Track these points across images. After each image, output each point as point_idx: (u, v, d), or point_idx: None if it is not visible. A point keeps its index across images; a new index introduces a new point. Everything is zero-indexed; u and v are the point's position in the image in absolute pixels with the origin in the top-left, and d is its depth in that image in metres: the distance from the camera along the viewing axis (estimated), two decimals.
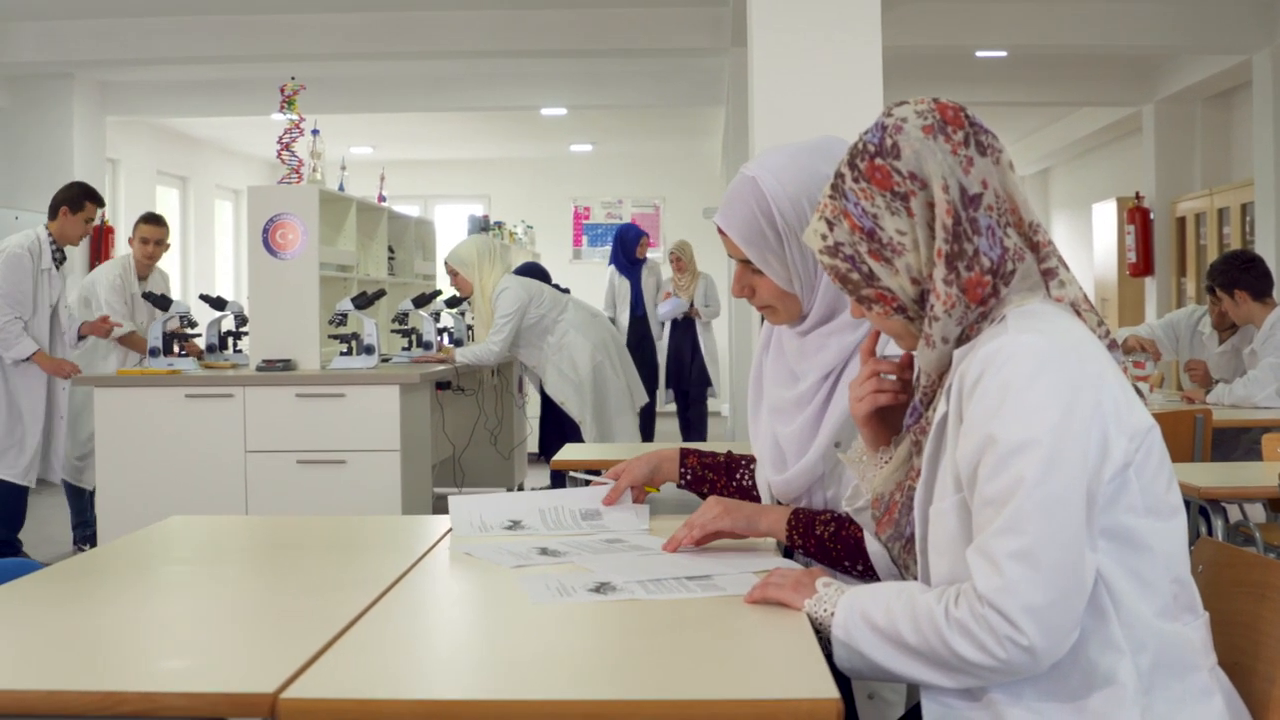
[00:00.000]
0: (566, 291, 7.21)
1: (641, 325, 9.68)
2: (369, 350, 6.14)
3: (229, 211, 14.61)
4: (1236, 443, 5.20)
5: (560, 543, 2.25)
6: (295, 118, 6.35)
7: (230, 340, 6.69)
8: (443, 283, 8.85)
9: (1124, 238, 11.69)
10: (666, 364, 9.93)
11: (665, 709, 1.38)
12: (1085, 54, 9.97)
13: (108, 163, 10.96)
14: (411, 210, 10.99)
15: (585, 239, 15.98)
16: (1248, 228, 9.71)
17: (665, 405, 10.07)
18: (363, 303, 6.22)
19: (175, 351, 6.32)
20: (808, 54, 4.12)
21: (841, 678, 1.58)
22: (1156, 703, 1.56)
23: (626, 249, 9.91)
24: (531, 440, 8.46)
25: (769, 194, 2.08)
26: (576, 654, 1.63)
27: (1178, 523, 1.62)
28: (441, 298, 7.67)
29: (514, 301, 6.58)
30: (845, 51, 4.11)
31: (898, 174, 1.67)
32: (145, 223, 7.04)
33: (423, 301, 6.97)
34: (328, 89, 10.28)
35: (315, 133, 6.56)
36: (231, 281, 14.35)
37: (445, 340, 7.51)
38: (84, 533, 6.77)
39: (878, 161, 1.68)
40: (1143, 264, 11.36)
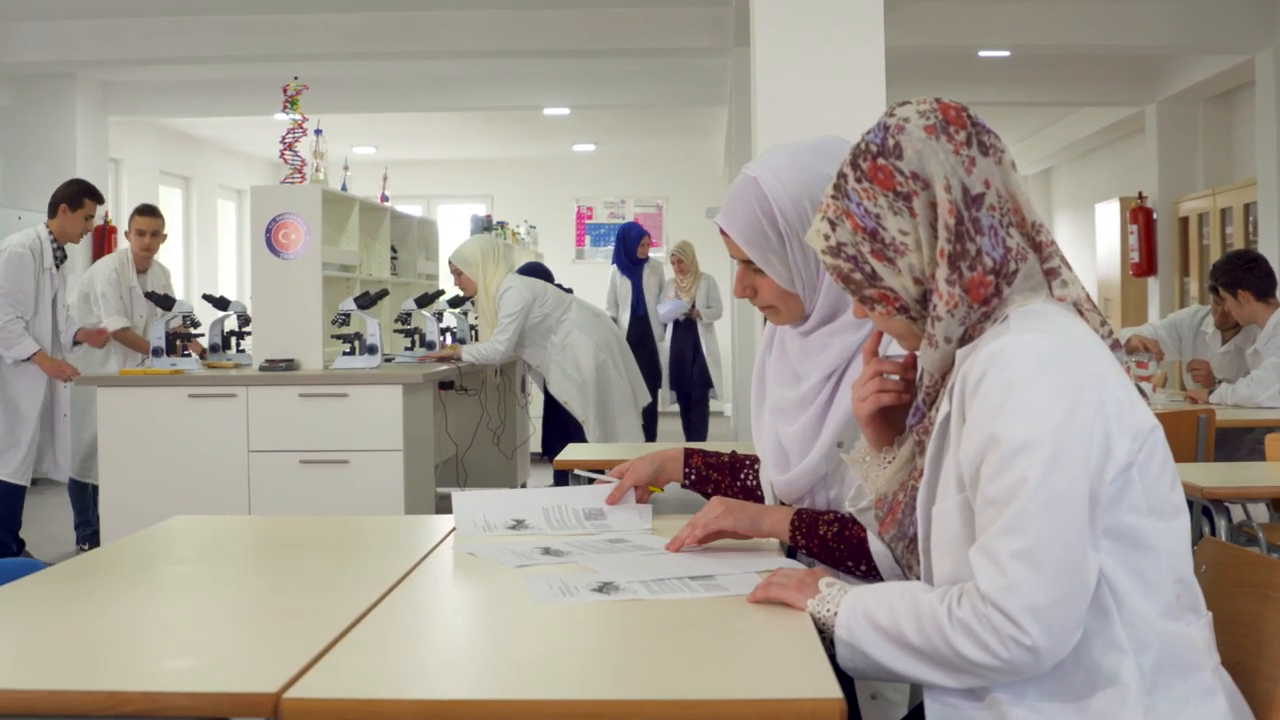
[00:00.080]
0: (569, 291, 7.21)
1: (643, 325, 9.68)
2: (372, 350, 6.14)
3: (232, 211, 14.62)
4: (1240, 443, 5.20)
5: (563, 542, 2.25)
6: (298, 118, 6.35)
7: (233, 340, 6.68)
8: (445, 283, 8.85)
9: (1127, 238, 11.69)
10: (669, 365, 9.92)
11: (668, 709, 1.38)
12: (1088, 54, 9.97)
13: (110, 163, 10.97)
14: (414, 210, 10.99)
15: (588, 239, 15.98)
16: (1250, 227, 9.70)
17: (669, 405, 10.06)
18: (365, 303, 6.22)
19: (179, 351, 6.32)
20: (810, 54, 4.12)
21: (844, 678, 1.58)
22: (1159, 703, 1.56)
23: (628, 248, 9.91)
24: (534, 440, 8.46)
25: (770, 194, 2.08)
26: (579, 654, 1.63)
27: (1181, 523, 1.62)
28: (444, 298, 7.67)
29: (518, 301, 6.58)
30: (848, 51, 4.11)
31: (900, 174, 1.66)
32: (140, 214, 7.02)
33: (425, 301, 6.97)
34: (330, 89, 10.29)
35: (318, 133, 6.55)
36: (234, 281, 14.35)
37: (448, 340, 7.51)
38: (85, 531, 6.76)
39: (880, 161, 1.68)
40: (1145, 264, 11.35)
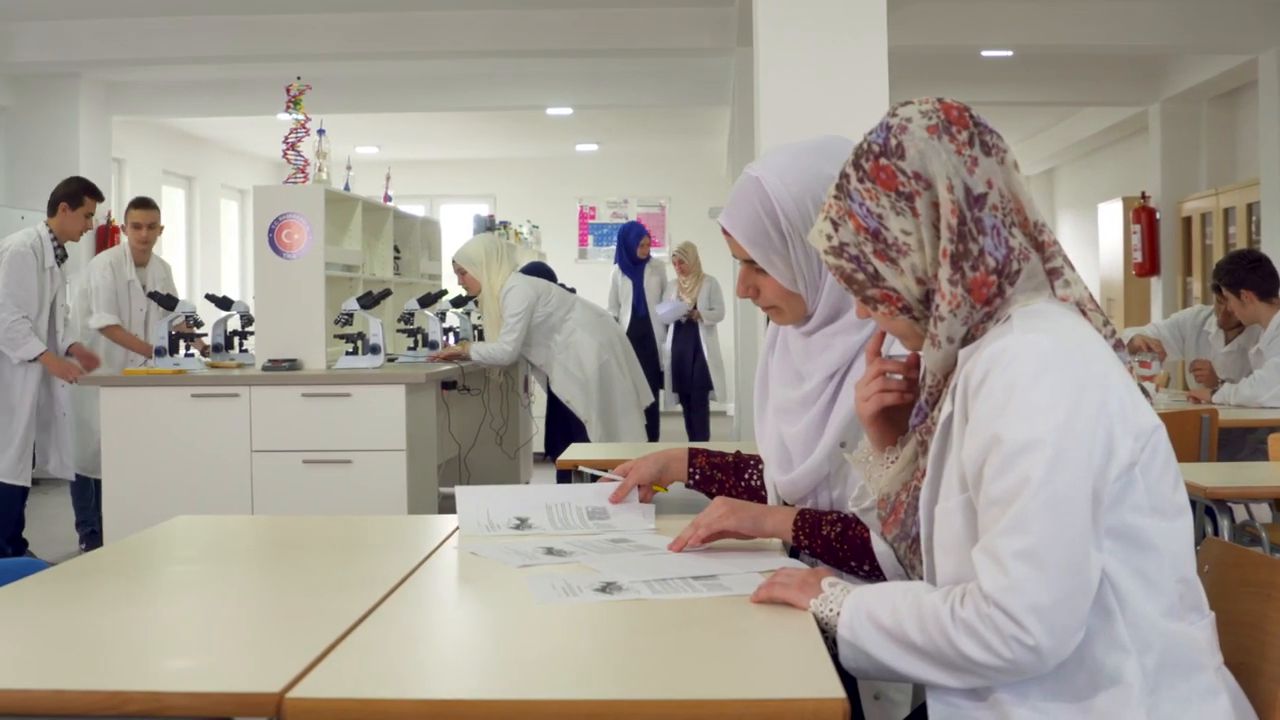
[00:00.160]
0: (573, 291, 7.21)
1: (644, 325, 9.68)
2: (375, 350, 6.15)
3: (235, 211, 14.62)
4: (1242, 442, 5.19)
5: (566, 542, 2.24)
6: (301, 117, 6.35)
7: (236, 340, 6.68)
8: (448, 282, 8.85)
9: (1130, 237, 11.68)
10: (669, 366, 9.92)
11: (671, 709, 1.38)
12: (1091, 54, 9.97)
13: (113, 162, 10.98)
14: (417, 210, 11.00)
15: (591, 239, 15.98)
16: (1254, 227, 9.69)
17: (672, 406, 10.05)
18: (368, 302, 6.22)
19: (184, 351, 6.31)
20: (813, 54, 4.12)
21: (847, 678, 1.58)
22: (1162, 702, 1.56)
23: (629, 248, 9.91)
24: (537, 440, 8.46)
25: (773, 194, 2.08)
26: (582, 654, 1.63)
27: (1183, 522, 1.62)
28: (447, 297, 7.67)
29: (523, 300, 6.58)
30: (851, 51, 4.11)
31: (902, 174, 1.66)
32: (135, 207, 7.02)
33: (428, 301, 6.97)
34: (333, 89, 10.29)
35: (321, 132, 6.55)
36: (237, 281, 14.36)
37: (451, 340, 7.50)
38: (84, 531, 6.74)
39: (882, 161, 1.68)
40: (1148, 264, 11.35)
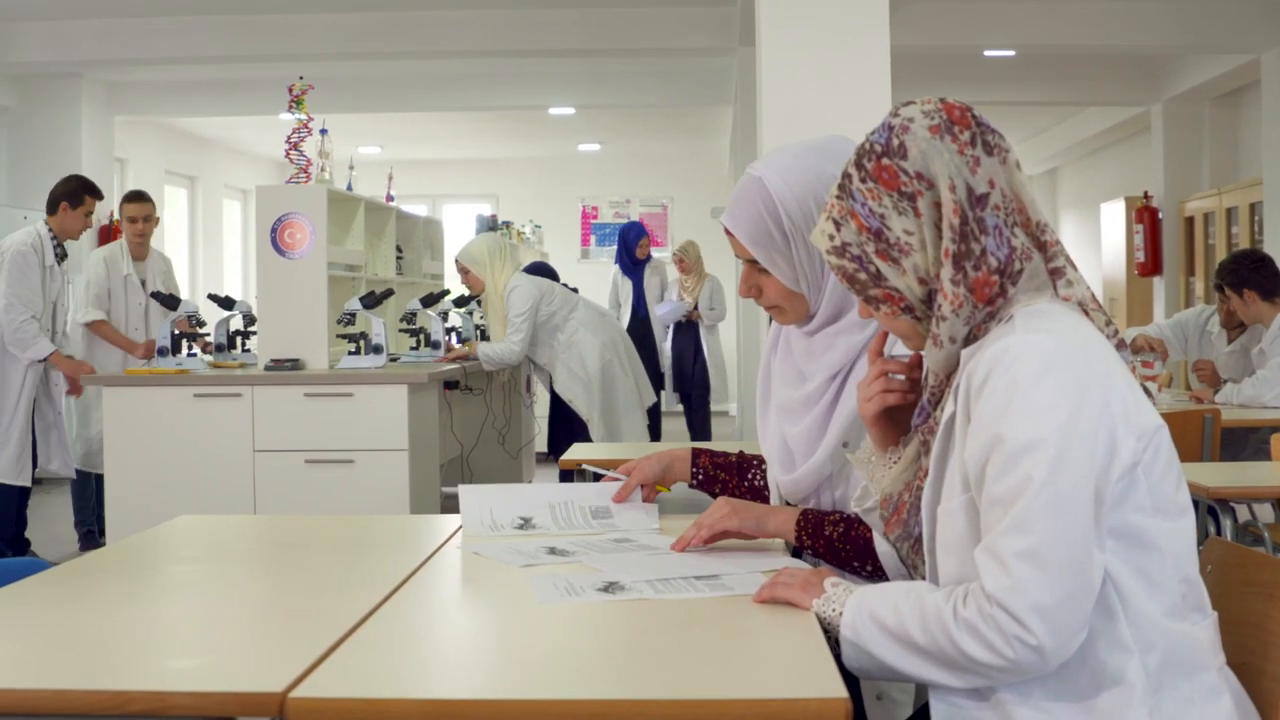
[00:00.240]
0: (575, 291, 7.21)
1: (644, 326, 9.66)
2: (377, 350, 6.15)
3: (237, 211, 14.63)
4: (1245, 442, 5.19)
5: (569, 542, 2.25)
6: (303, 117, 6.35)
7: (238, 340, 6.68)
8: (451, 282, 8.85)
9: (1132, 237, 11.67)
10: (670, 367, 9.90)
11: (673, 709, 1.38)
12: (1093, 53, 9.96)
13: (116, 162, 10.98)
14: (420, 210, 10.99)
15: (593, 238, 15.98)
16: (1256, 227, 9.68)
17: (673, 406, 10.04)
18: (371, 302, 6.23)
19: (186, 351, 6.31)
20: (815, 53, 4.12)
21: (850, 678, 1.58)
22: (1165, 702, 1.56)
23: (628, 249, 9.91)
24: (539, 440, 8.45)
25: (775, 194, 2.08)
26: (585, 654, 1.63)
27: (1186, 522, 1.62)
28: (450, 297, 7.68)
29: (527, 299, 6.58)
30: (853, 51, 4.10)
31: (905, 174, 1.66)
32: (128, 201, 6.98)
33: (431, 301, 6.97)
34: (336, 89, 10.29)
35: (323, 132, 6.55)
36: (240, 281, 14.36)
37: (454, 340, 7.50)
38: (83, 530, 6.72)
39: (885, 161, 1.68)
40: (1151, 264, 11.34)
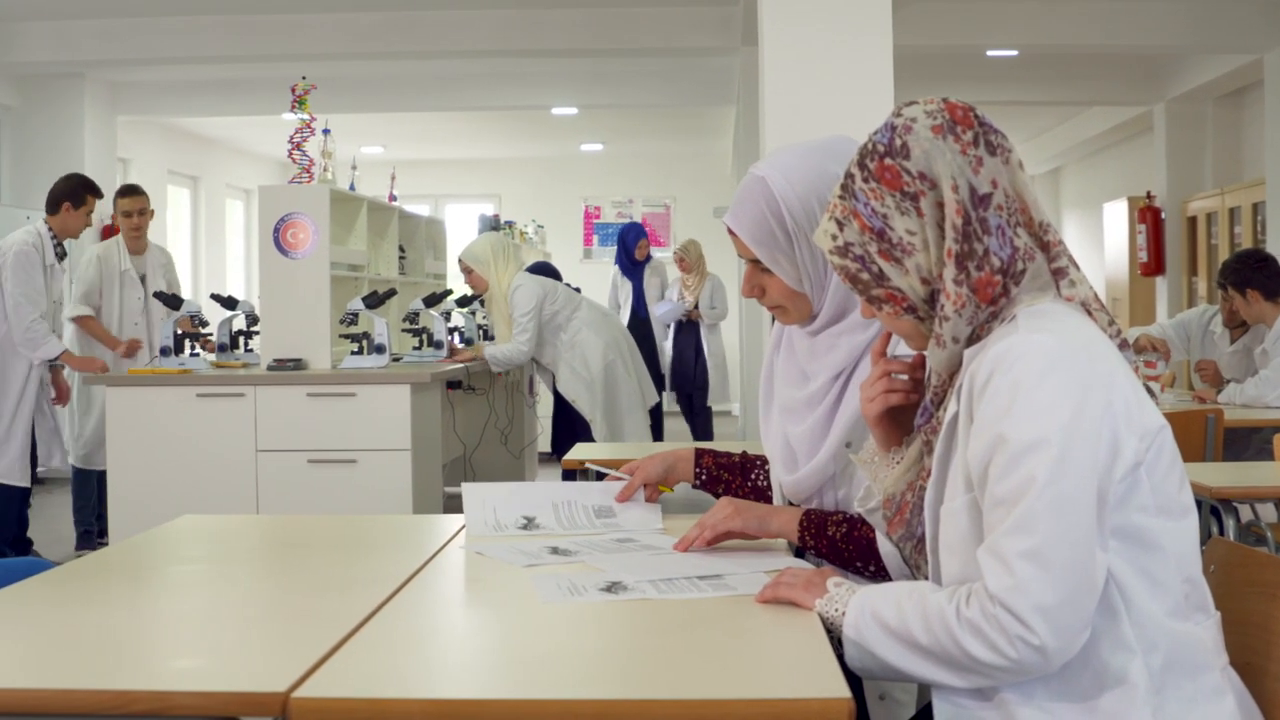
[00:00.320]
0: (578, 291, 7.21)
1: (644, 326, 9.66)
2: (380, 350, 6.15)
3: (240, 211, 14.63)
4: (1248, 442, 5.19)
5: (572, 542, 2.25)
6: (306, 117, 6.35)
7: (241, 339, 6.69)
8: (453, 282, 8.85)
9: (1135, 237, 11.67)
10: (670, 367, 9.89)
11: (676, 708, 1.38)
12: (1096, 53, 9.95)
13: (119, 162, 10.98)
14: (422, 210, 11.01)
15: (596, 238, 15.98)
16: (1259, 227, 9.68)
17: (674, 406, 10.04)
18: (373, 302, 6.23)
19: (189, 351, 6.31)
20: (818, 53, 4.12)
21: (853, 678, 1.57)
22: (1168, 703, 1.56)
23: (627, 249, 9.90)
24: (542, 440, 8.45)
25: (778, 194, 2.08)
26: (587, 653, 1.63)
27: (1189, 522, 1.62)
28: (452, 297, 7.68)
29: (531, 298, 6.58)
30: (856, 51, 4.11)
31: (907, 174, 1.66)
32: (121, 196, 6.98)
33: (434, 301, 6.97)
34: (338, 89, 10.28)
35: (326, 132, 6.56)
36: (242, 281, 14.37)
37: (456, 340, 7.50)
38: (81, 530, 6.70)
39: (887, 161, 1.68)
40: (1154, 263, 11.33)
